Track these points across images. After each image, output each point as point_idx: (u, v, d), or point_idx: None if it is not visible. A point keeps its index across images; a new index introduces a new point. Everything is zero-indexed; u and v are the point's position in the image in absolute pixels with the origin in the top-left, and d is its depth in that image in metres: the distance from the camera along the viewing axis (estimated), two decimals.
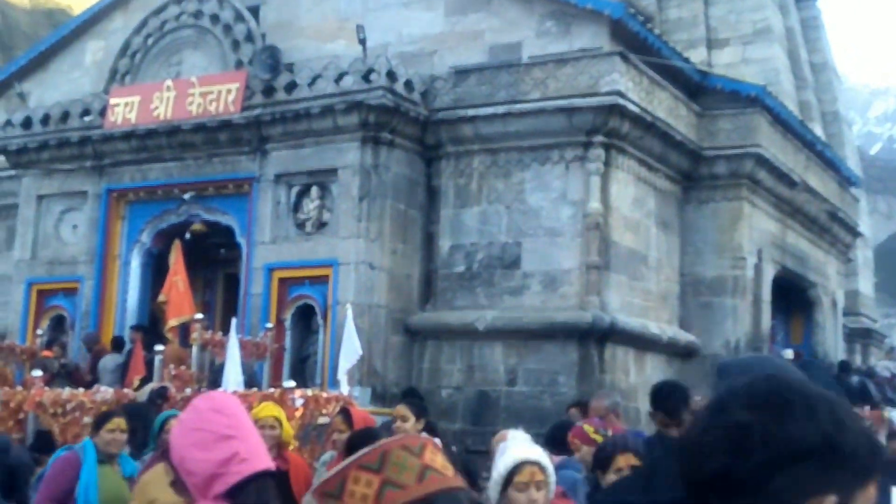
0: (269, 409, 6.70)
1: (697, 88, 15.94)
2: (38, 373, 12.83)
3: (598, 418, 7.27)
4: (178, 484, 3.22)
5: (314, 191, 14.10)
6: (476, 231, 14.11)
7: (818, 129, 21.31)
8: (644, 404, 13.75)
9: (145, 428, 7.09)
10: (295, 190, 14.29)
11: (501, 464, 3.84)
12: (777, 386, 1.16)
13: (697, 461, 1.13)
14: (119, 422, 6.13)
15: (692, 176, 15.60)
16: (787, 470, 1.07)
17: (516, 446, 3.94)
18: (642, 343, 14.11)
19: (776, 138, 16.29)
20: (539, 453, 3.94)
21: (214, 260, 16.67)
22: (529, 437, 4.37)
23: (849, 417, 1.15)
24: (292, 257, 14.09)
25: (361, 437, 3.74)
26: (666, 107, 14.63)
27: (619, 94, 13.32)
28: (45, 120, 16.02)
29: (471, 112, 14.03)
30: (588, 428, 6.27)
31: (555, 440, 7.57)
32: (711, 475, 1.11)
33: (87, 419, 8.92)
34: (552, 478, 3.87)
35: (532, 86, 13.83)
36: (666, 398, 5.81)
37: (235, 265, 15.30)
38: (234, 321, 12.80)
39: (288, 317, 14.04)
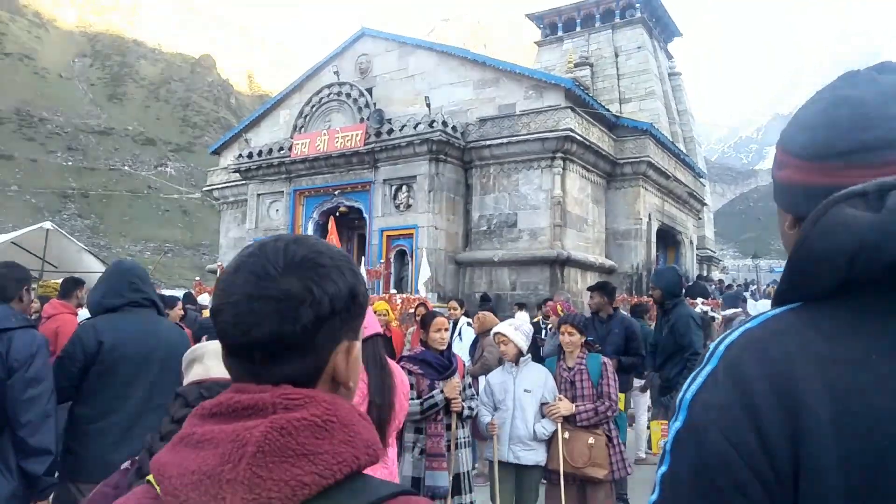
0: (382, 305, 6.74)
1: (614, 125, 15.60)
2: None
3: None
4: None
5: (404, 188, 14.07)
6: (492, 207, 14.01)
7: (681, 146, 20.90)
8: (586, 300, 13.73)
9: None
10: (393, 187, 14.25)
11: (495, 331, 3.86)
12: (308, 250, 0.76)
13: (244, 327, 0.71)
14: None
15: (611, 174, 15.32)
16: (326, 324, 0.73)
17: (502, 326, 3.95)
18: (584, 266, 13.98)
19: (658, 152, 15.94)
20: (507, 328, 3.93)
21: (352, 226, 16.78)
22: (517, 323, 4.33)
23: (358, 271, 0.81)
24: (393, 224, 14.11)
25: (427, 316, 3.73)
26: (596, 136, 14.34)
27: (570, 130, 13.10)
28: (260, 153, 16.19)
29: (488, 142, 13.88)
30: (559, 307, 6.27)
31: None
32: (259, 340, 0.71)
33: None
34: (514, 339, 3.86)
35: (522, 126, 13.65)
36: (608, 288, 5.81)
37: (363, 229, 15.36)
38: (363, 259, 12.96)
39: (392, 256, 14.14)
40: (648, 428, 7.00)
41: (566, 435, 3.63)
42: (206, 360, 1.45)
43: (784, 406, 0.63)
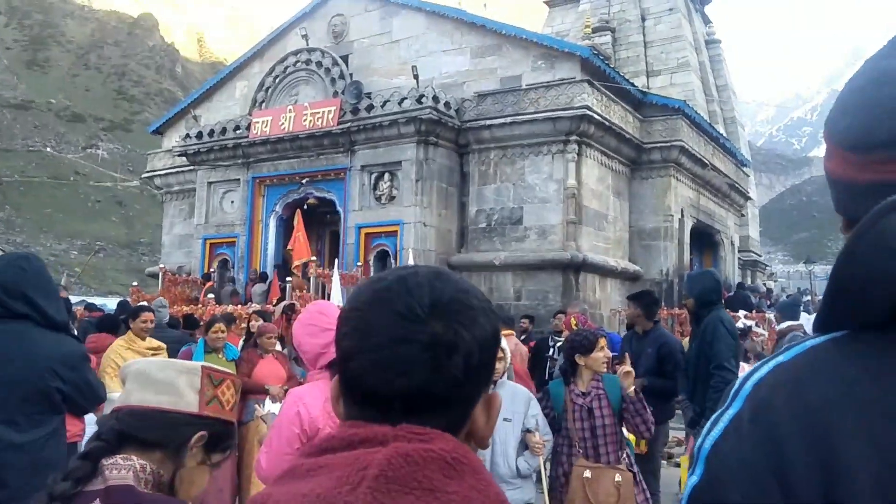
0: None
1: (640, 103, 15.69)
2: (211, 295, 13.13)
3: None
4: (298, 359, 3.28)
5: (386, 176, 14.11)
6: (493, 200, 14.08)
7: (721, 129, 21.06)
8: (605, 312, 13.83)
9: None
10: (374, 175, 14.29)
11: None
12: (455, 289, 0.77)
13: (388, 376, 0.72)
14: (220, 326, 6.04)
15: (636, 161, 15.41)
16: (473, 374, 0.74)
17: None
18: (604, 272, 14.06)
19: (692, 135, 16.04)
20: (503, 341, 3.94)
21: (323, 222, 16.76)
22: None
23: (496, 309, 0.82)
24: (373, 219, 14.15)
25: None
26: (618, 116, 14.43)
27: (587, 108, 13.18)
28: (211, 133, 16.18)
29: (488, 122, 13.95)
30: (573, 321, 6.29)
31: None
32: (404, 391, 0.72)
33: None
34: (508, 354, 3.89)
35: (529, 103, 13.72)
36: (645, 298, 5.79)
37: (337, 225, 15.36)
38: (336, 261, 12.96)
39: (371, 258, 14.15)
40: (673, 463, 7.08)
41: (587, 474, 3.65)
42: (128, 384, 1.47)
43: (820, 465, 0.61)
